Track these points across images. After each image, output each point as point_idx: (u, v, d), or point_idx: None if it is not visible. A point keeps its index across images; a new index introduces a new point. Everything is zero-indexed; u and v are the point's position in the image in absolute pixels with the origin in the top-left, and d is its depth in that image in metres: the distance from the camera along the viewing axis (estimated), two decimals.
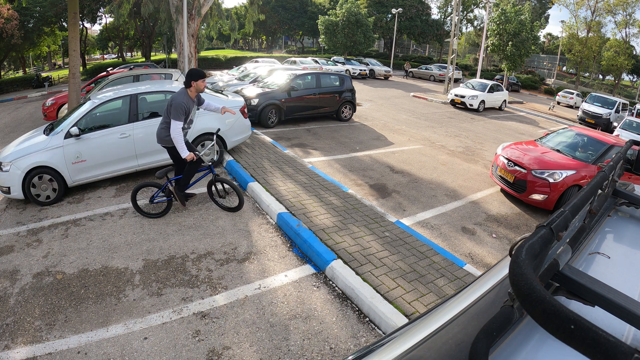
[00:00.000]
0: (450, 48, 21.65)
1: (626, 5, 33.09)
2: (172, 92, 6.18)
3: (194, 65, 18.33)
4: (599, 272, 1.04)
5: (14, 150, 5.05)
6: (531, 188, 5.51)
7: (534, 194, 5.52)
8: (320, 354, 2.72)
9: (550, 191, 5.41)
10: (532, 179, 5.51)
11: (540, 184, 5.44)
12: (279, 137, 8.66)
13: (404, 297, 3.23)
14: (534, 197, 5.57)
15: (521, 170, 5.67)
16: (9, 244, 4.12)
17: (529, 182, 5.52)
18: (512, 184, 5.81)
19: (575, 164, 5.66)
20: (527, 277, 0.56)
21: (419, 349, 0.73)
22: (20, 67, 32.10)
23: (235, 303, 3.21)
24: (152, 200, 4.74)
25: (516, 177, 5.69)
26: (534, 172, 5.53)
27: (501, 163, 6.13)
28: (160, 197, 4.73)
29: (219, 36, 49.95)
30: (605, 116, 16.79)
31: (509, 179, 5.84)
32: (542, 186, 5.43)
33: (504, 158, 6.14)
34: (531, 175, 5.54)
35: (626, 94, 40.53)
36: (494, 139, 10.83)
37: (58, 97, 10.38)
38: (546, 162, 5.68)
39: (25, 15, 23.43)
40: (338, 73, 11.40)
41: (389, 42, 44.51)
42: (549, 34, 55.71)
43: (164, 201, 4.77)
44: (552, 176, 5.45)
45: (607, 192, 1.41)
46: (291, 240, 4.28)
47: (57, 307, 3.13)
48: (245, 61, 22.98)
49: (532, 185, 5.50)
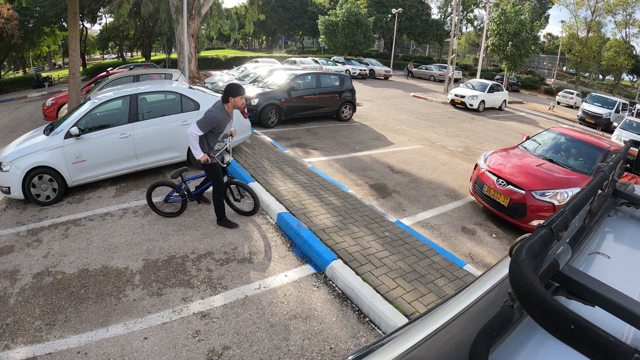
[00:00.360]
0: (450, 48, 21.65)
1: (626, 5, 33.10)
2: (172, 92, 6.19)
3: (194, 65, 18.38)
4: (599, 272, 1.04)
5: (14, 150, 5.05)
6: (532, 213, 4.51)
7: (535, 219, 4.52)
8: (320, 354, 2.72)
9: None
10: (532, 202, 4.52)
11: (543, 207, 4.46)
12: (279, 137, 8.66)
13: (404, 297, 3.23)
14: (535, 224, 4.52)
15: (518, 190, 4.68)
16: (9, 244, 4.12)
17: (529, 207, 4.53)
18: (506, 208, 4.76)
19: (577, 178, 4.79)
20: (527, 277, 0.56)
21: (419, 349, 0.73)
22: (20, 67, 32.11)
23: (235, 303, 3.21)
24: (167, 200, 4.76)
25: (512, 200, 4.68)
26: (534, 194, 4.54)
27: (489, 180, 5.05)
28: (175, 197, 4.73)
29: (219, 36, 49.97)
30: (605, 116, 16.80)
31: (502, 201, 4.78)
32: (546, 210, 4.44)
33: (491, 174, 5.09)
34: (531, 197, 4.54)
35: (626, 94, 40.54)
36: (494, 139, 10.84)
37: (58, 97, 10.38)
38: (546, 180, 4.71)
39: (25, 15, 23.43)
40: (338, 73, 11.40)
41: (389, 42, 44.53)
42: (549, 34, 55.75)
43: (178, 201, 4.78)
44: (556, 197, 4.50)
45: (607, 192, 1.41)
46: (291, 240, 4.28)
47: (57, 307, 3.13)
48: (245, 61, 22.99)
49: (534, 210, 4.50)
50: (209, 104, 6.30)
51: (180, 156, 6.15)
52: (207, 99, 6.34)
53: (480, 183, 5.25)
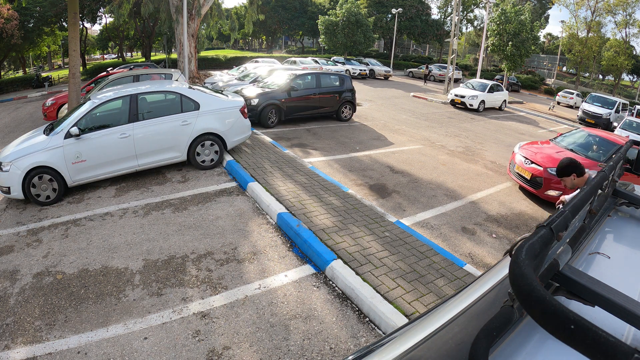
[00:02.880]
0: (450, 48, 21.65)
1: (626, 5, 33.08)
2: (172, 92, 6.19)
3: (194, 65, 18.38)
4: (599, 272, 1.04)
5: (14, 150, 5.05)
6: (547, 184, 5.91)
7: (550, 190, 5.88)
8: (320, 354, 2.72)
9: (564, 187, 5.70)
10: (547, 176, 5.88)
11: (555, 180, 5.74)
12: (279, 137, 8.66)
13: (404, 297, 3.23)
14: (549, 193, 5.88)
15: (537, 167, 6.06)
16: (9, 244, 4.12)
17: (545, 179, 5.91)
18: (528, 181, 6.22)
19: (587, 163, 5.88)
20: (527, 277, 0.56)
21: (419, 349, 0.73)
22: (20, 67, 32.09)
23: (235, 303, 3.21)
24: None
25: (533, 174, 6.09)
26: (549, 170, 5.87)
27: (518, 161, 6.52)
28: None
29: (219, 36, 49.97)
30: (605, 116, 16.79)
31: (526, 175, 6.24)
32: (557, 183, 5.69)
33: (521, 156, 6.52)
34: (547, 172, 5.89)
35: (626, 94, 40.52)
36: (494, 139, 10.84)
37: (58, 97, 10.38)
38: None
39: (25, 15, 23.40)
40: (338, 73, 11.40)
41: (389, 42, 44.51)
42: (549, 34, 55.71)
43: None
44: None
45: (607, 192, 1.41)
46: (291, 240, 4.28)
47: (57, 307, 3.13)
48: (245, 61, 22.96)
49: (548, 182, 5.88)
50: (209, 104, 6.31)
51: (180, 156, 6.15)
52: (207, 99, 6.34)
53: (513, 163, 6.74)
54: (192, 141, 6.13)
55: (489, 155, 8.85)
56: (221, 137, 6.39)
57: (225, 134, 6.41)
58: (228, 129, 6.45)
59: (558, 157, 6.05)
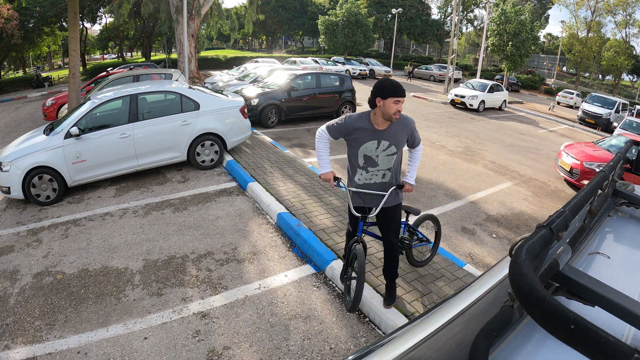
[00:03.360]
0: (450, 48, 21.64)
1: (626, 5, 33.06)
2: (172, 92, 6.19)
3: (194, 65, 18.37)
4: (599, 272, 1.04)
5: (14, 150, 5.06)
6: (582, 175, 7.10)
7: (585, 179, 6.98)
8: (320, 354, 2.72)
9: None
10: (583, 168, 7.12)
11: (589, 172, 6.97)
12: (279, 137, 8.66)
13: (404, 297, 3.23)
14: (584, 183, 6.51)
15: (576, 161, 7.34)
16: (9, 244, 4.12)
17: (581, 171, 7.13)
18: (569, 172, 7.46)
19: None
20: (527, 277, 0.56)
21: (419, 349, 0.73)
22: (20, 67, 32.09)
23: (235, 303, 3.21)
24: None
25: (572, 167, 7.36)
26: (585, 164, 7.12)
27: (562, 156, 7.88)
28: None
29: (219, 36, 49.96)
30: (605, 116, 16.79)
31: (567, 168, 7.51)
32: (591, 174, 6.79)
33: (564, 153, 7.86)
34: (583, 166, 7.14)
35: (626, 94, 40.52)
36: (494, 139, 10.84)
37: (58, 97, 10.38)
38: (594, 157, 7.44)
39: (25, 15, 23.40)
40: (338, 73, 11.40)
41: (389, 42, 44.51)
42: (549, 34, 55.70)
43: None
44: (599, 167, 6.67)
45: (607, 192, 1.41)
46: (291, 240, 4.28)
47: (57, 307, 3.13)
48: (245, 61, 22.97)
49: (583, 173, 7.08)
50: (209, 104, 6.31)
51: (180, 156, 6.15)
52: (207, 99, 6.34)
53: (557, 159, 8.06)
54: (192, 141, 6.13)
55: (489, 155, 8.85)
56: (221, 137, 6.39)
57: (225, 134, 6.41)
58: (228, 129, 6.45)
59: (594, 154, 7.39)
